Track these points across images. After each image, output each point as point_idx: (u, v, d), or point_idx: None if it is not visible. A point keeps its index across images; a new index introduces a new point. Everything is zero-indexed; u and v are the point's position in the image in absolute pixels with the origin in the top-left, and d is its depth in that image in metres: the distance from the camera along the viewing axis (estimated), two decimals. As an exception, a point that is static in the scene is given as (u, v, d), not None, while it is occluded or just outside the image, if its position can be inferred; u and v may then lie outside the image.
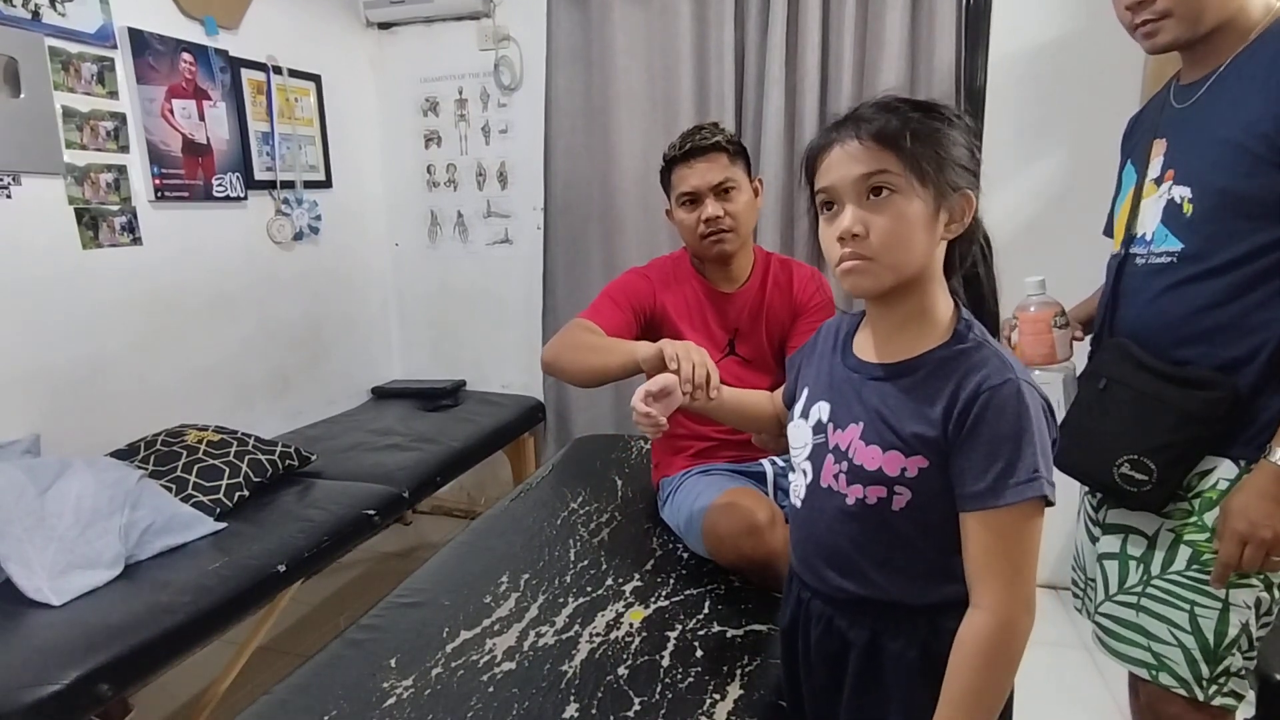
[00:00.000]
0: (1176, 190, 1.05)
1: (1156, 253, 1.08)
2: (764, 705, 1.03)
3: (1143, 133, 1.18)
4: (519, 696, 1.05)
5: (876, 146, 0.74)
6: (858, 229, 0.74)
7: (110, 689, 1.31)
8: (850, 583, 0.83)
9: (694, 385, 1.05)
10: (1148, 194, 1.11)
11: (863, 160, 0.74)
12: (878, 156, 0.74)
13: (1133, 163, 1.18)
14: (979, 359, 0.75)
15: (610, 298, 1.55)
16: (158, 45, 2.12)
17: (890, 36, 2.29)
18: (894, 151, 0.73)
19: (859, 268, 0.76)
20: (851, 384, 0.83)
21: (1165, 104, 1.14)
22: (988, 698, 0.73)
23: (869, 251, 0.75)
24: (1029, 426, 0.71)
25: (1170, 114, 1.11)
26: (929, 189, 0.74)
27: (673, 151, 1.50)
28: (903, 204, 0.74)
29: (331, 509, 1.90)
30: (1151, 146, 1.13)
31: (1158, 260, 1.07)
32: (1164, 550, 1.07)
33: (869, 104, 0.78)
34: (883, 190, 0.74)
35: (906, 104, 0.77)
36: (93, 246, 1.98)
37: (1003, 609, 0.72)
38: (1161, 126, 1.12)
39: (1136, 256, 1.12)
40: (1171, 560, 1.05)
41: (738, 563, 1.33)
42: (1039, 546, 0.74)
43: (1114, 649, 1.13)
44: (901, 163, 0.73)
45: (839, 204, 0.77)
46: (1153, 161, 1.11)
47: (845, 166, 0.75)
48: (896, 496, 0.77)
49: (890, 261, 0.75)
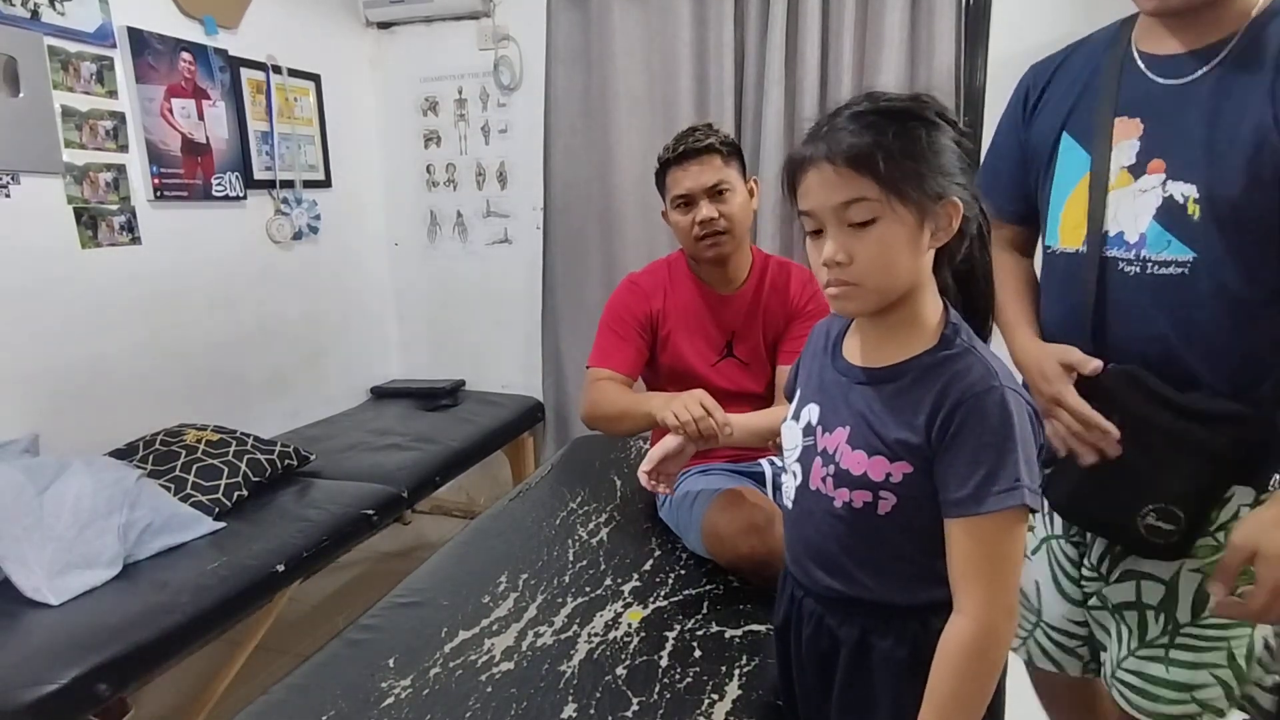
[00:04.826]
0: (1176, 187, 0.90)
1: (1157, 260, 0.93)
2: (762, 705, 1.03)
3: (1084, 100, 1.01)
4: (517, 696, 1.05)
5: (851, 172, 0.71)
6: (840, 257, 0.73)
7: (108, 688, 1.32)
8: (839, 583, 0.83)
9: (703, 436, 1.14)
10: (1118, 184, 0.95)
11: (839, 188, 0.72)
12: (854, 184, 0.71)
13: (1077, 140, 1.01)
14: (964, 365, 0.74)
15: (612, 331, 1.58)
16: (157, 45, 2.12)
17: (890, 36, 2.29)
18: (870, 176, 0.70)
19: (845, 293, 0.75)
20: (840, 387, 0.83)
21: (1129, 73, 0.96)
22: (969, 702, 0.73)
23: (853, 278, 0.74)
24: (1012, 434, 0.71)
25: (1149, 89, 0.94)
26: (910, 208, 0.71)
27: (667, 154, 1.50)
28: (884, 229, 0.72)
29: (330, 509, 1.90)
30: (1113, 125, 0.96)
31: (1163, 271, 0.92)
32: (1191, 594, 0.96)
33: (844, 113, 0.74)
34: (862, 217, 0.72)
35: (882, 114, 0.73)
36: (91, 246, 1.98)
37: (984, 615, 0.72)
38: (1128, 101, 0.95)
39: (1120, 262, 0.96)
40: (1203, 602, 0.94)
41: (737, 562, 1.33)
42: (1022, 553, 0.74)
43: (1149, 710, 1.00)
44: (879, 187, 0.70)
45: (821, 228, 0.75)
46: (1120, 144, 0.95)
47: (823, 193, 0.73)
48: (882, 501, 0.77)
49: (875, 286, 0.74)
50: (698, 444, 1.18)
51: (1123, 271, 0.96)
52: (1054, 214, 1.05)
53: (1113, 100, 0.96)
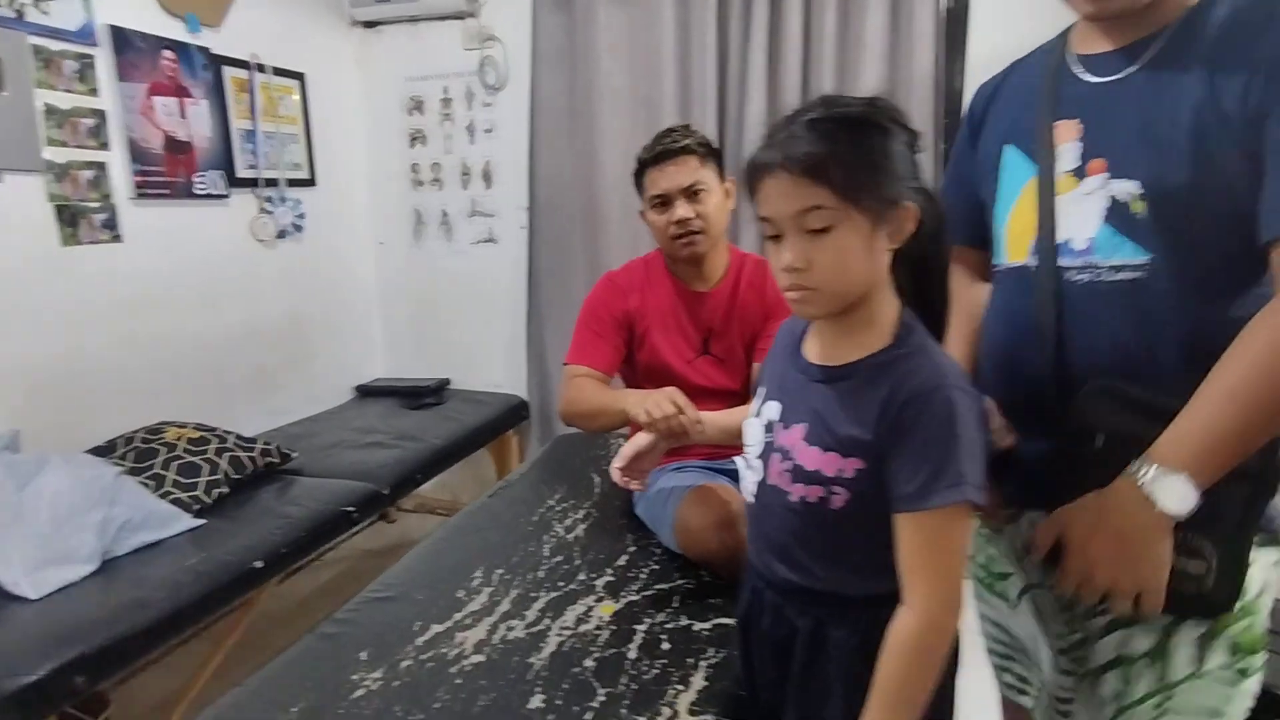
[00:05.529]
0: (1118, 185, 0.85)
1: (1109, 266, 0.86)
2: (725, 695, 1.05)
3: (1024, 111, 0.96)
4: (486, 688, 1.06)
5: (807, 180, 0.73)
6: (799, 263, 0.75)
7: (85, 681, 1.33)
8: (795, 575, 0.85)
9: (674, 433, 1.16)
10: (1064, 189, 0.89)
11: (796, 197, 0.74)
12: (809, 192, 0.73)
13: (1020, 149, 0.95)
14: (914, 365, 0.77)
15: (589, 329, 1.61)
16: (139, 43, 2.12)
17: (870, 39, 2.32)
18: (826, 185, 0.73)
19: (804, 298, 0.77)
20: (799, 385, 0.86)
21: (1064, 76, 0.92)
22: (913, 692, 0.76)
23: (811, 283, 0.76)
24: (957, 433, 0.73)
25: (1082, 89, 0.90)
26: (866, 214, 0.74)
27: (644, 154, 1.53)
28: (841, 236, 0.74)
29: (310, 506, 1.91)
30: (1053, 130, 0.91)
31: (1117, 277, 0.85)
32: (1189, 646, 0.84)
33: (800, 119, 0.76)
34: (819, 224, 0.74)
35: (837, 122, 0.75)
36: (72, 243, 1.99)
37: (927, 608, 0.75)
38: (1066, 104, 0.91)
39: (1069, 271, 0.88)
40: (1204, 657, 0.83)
41: (707, 556, 1.35)
42: (966, 549, 0.76)
43: None
44: (835, 195, 0.73)
45: (780, 234, 0.77)
46: (1061, 148, 0.90)
47: (780, 201, 0.75)
48: (835, 496, 0.79)
49: (833, 291, 0.77)
50: (669, 441, 1.20)
51: (1073, 281, 0.88)
52: (999, 231, 0.98)
53: (1052, 105, 0.91)
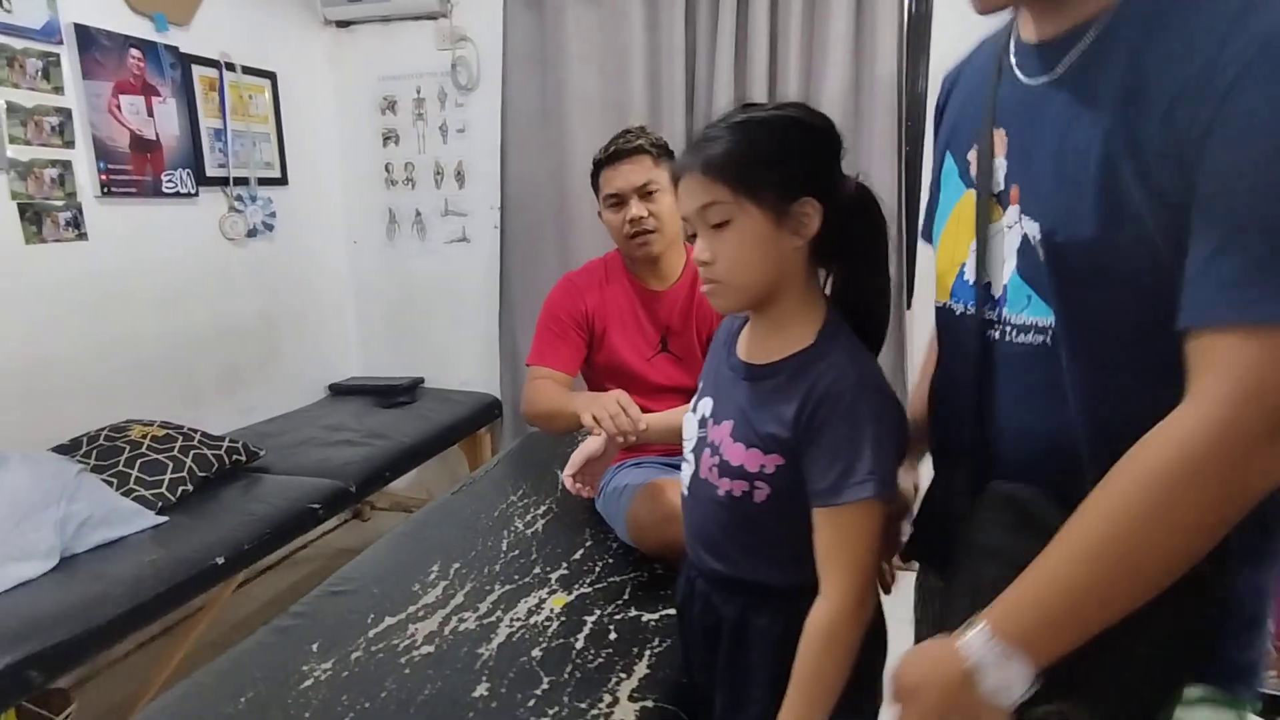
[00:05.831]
0: (1029, 224, 0.66)
1: (1017, 325, 0.69)
2: (668, 682, 1.07)
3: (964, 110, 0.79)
4: (433, 678, 1.09)
5: (706, 178, 0.77)
6: (705, 256, 0.80)
7: (40, 676, 1.34)
8: (722, 565, 0.89)
9: (622, 433, 1.18)
10: (995, 218, 0.71)
11: (699, 193, 0.79)
12: (709, 188, 0.78)
13: (954, 159, 0.79)
14: (830, 364, 0.79)
15: (549, 330, 1.63)
16: (105, 41, 2.12)
17: (835, 42, 2.35)
18: (722, 181, 0.77)
19: (713, 290, 0.82)
20: (729, 382, 0.89)
21: (1005, 70, 0.72)
22: (829, 677, 0.79)
23: (717, 276, 0.80)
24: (866, 430, 0.76)
25: (1018, 92, 0.70)
26: (764, 209, 0.77)
27: (599, 155, 1.56)
28: (739, 229, 0.78)
29: (275, 503, 1.92)
30: (991, 138, 0.72)
31: (1024, 340, 0.68)
32: None
33: (719, 124, 0.80)
34: (718, 219, 0.78)
35: (744, 125, 0.79)
36: (36, 241, 1.98)
37: (841, 599, 0.78)
38: (1001, 107, 0.71)
39: (992, 325, 0.72)
40: None
41: (658, 550, 1.38)
42: (877, 542, 0.79)
43: None
44: (730, 190, 0.77)
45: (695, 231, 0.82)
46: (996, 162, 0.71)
47: (686, 199, 0.81)
48: (757, 490, 0.83)
49: (736, 284, 0.80)
50: (619, 441, 1.21)
51: (993, 336, 0.72)
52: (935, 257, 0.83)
53: (990, 107, 0.72)
